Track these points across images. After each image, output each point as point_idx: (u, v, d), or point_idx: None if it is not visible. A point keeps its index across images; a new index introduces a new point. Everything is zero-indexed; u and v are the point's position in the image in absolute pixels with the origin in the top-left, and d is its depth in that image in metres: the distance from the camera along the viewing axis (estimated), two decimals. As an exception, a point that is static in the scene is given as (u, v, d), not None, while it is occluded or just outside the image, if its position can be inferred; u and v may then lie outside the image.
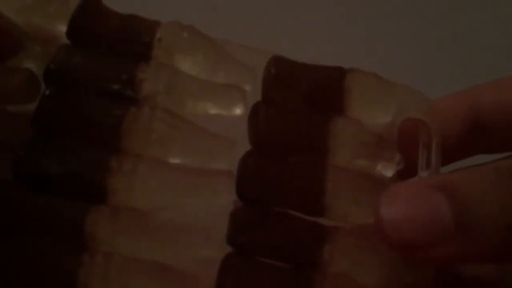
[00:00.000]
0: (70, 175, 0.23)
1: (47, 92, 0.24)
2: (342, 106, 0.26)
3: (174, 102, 0.25)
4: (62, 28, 0.25)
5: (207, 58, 0.26)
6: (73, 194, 0.23)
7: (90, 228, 0.22)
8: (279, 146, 0.25)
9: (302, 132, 0.25)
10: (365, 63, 0.26)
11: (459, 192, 0.20)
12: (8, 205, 0.22)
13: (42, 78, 0.24)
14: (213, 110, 0.25)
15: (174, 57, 0.25)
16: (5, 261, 0.21)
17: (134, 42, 0.25)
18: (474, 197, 0.20)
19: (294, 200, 0.24)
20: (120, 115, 0.24)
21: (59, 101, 0.24)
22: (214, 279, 0.23)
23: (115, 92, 0.24)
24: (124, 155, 0.23)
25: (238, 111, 0.25)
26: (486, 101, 0.26)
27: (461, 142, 0.26)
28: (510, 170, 0.20)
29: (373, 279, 0.23)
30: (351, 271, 0.23)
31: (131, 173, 0.23)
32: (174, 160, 0.24)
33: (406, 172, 0.25)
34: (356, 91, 0.26)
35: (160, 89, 0.24)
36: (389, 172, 0.25)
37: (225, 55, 0.26)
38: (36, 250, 0.22)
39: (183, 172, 0.24)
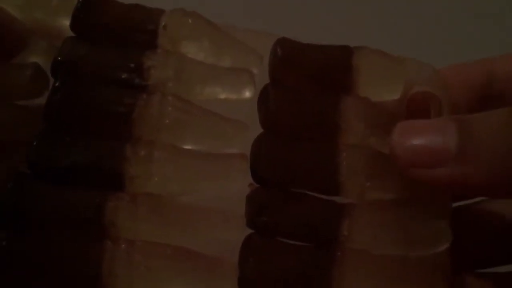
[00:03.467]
0: (86, 164, 0.23)
1: (56, 84, 0.23)
2: (350, 85, 0.26)
3: (183, 88, 0.25)
4: (66, 22, 0.25)
5: (212, 43, 0.26)
6: (90, 183, 0.23)
7: (111, 215, 0.22)
8: (291, 127, 0.25)
9: (313, 112, 0.25)
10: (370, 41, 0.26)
11: (469, 124, 0.22)
12: (27, 198, 0.22)
13: (50, 71, 0.24)
14: (223, 94, 0.25)
15: (180, 44, 0.25)
16: (30, 255, 0.21)
17: (139, 31, 0.25)
18: (481, 129, 0.22)
19: (309, 180, 0.24)
20: (131, 103, 0.23)
21: (69, 93, 0.24)
22: (236, 260, 0.23)
23: (124, 81, 0.24)
24: (138, 142, 0.23)
25: (247, 94, 0.25)
26: (500, 70, 0.26)
27: (472, 110, 0.26)
28: None
29: (391, 253, 0.24)
30: (370, 246, 0.23)
31: (147, 160, 0.23)
32: (187, 145, 0.24)
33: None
34: (364, 69, 0.26)
35: (169, 75, 0.24)
36: None
37: (230, 39, 0.26)
38: (59, 241, 0.22)
39: (198, 157, 0.24)
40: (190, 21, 0.25)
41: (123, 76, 0.24)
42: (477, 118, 0.23)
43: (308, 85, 0.26)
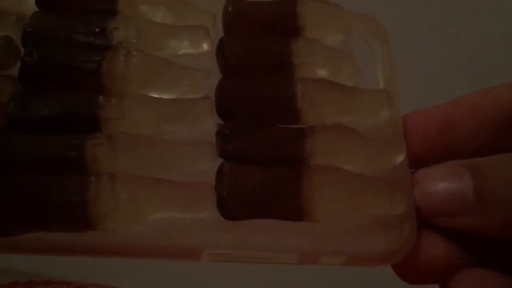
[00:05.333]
0: (62, 113, 0.24)
1: (28, 50, 0.25)
2: (298, 29, 0.28)
3: (145, 45, 0.27)
4: (31, 4, 0.28)
5: (168, 7, 0.28)
6: (67, 131, 0.24)
7: (90, 152, 0.24)
8: (248, 67, 0.27)
9: (267, 53, 0.27)
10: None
11: (482, 172, 0.24)
12: (6, 145, 0.23)
13: (20, 43, 0.26)
14: (182, 50, 0.27)
15: (138, 8, 0.28)
16: (14, 190, 0.23)
17: (100, 0, 0.27)
18: (494, 177, 0.24)
19: (270, 110, 0.26)
20: (99, 59, 0.25)
21: (41, 55, 0.25)
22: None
23: (90, 43, 0.26)
24: (109, 93, 0.25)
25: (205, 47, 0.28)
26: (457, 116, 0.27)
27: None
28: None
29: (356, 166, 0.26)
30: (335, 161, 0.25)
31: (118, 106, 0.25)
32: (155, 94, 0.26)
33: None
34: (308, 14, 0.28)
35: (131, 35, 0.26)
36: (351, 82, 0.28)
37: (185, 4, 0.28)
38: (44, 178, 0.23)
39: (166, 102, 0.26)
40: (146, -13, 0.28)
41: (89, 40, 0.26)
42: (488, 164, 0.24)
43: (260, 33, 0.28)
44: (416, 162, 0.27)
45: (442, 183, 0.24)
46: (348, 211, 0.25)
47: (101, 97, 0.25)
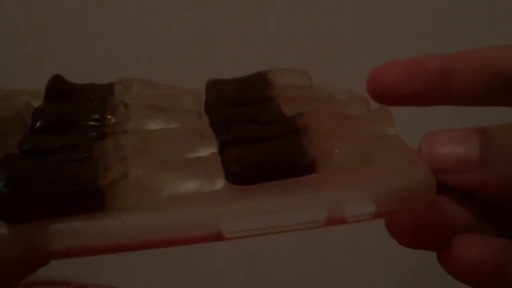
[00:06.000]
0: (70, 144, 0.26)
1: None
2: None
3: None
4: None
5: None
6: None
7: (99, 153, 0.25)
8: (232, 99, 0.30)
9: (248, 93, 0.31)
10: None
11: (490, 134, 0.25)
12: (20, 164, 0.24)
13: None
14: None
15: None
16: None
17: (98, 92, 0.30)
18: (501, 139, 0.25)
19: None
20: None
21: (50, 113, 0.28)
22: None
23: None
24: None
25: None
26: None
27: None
28: None
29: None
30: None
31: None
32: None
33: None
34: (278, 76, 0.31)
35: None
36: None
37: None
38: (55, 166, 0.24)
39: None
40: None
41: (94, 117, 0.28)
42: (498, 129, 0.25)
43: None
44: (413, 103, 0.28)
45: (449, 146, 0.25)
46: (357, 152, 0.25)
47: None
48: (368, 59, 0.34)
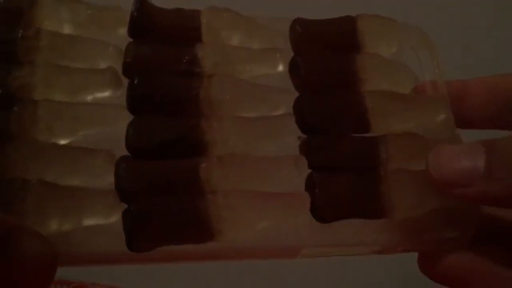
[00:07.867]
0: (173, 140, 0.28)
1: (134, 82, 0.29)
2: (359, 45, 0.32)
3: (230, 69, 0.30)
4: (121, 32, 0.30)
5: (245, 30, 0.31)
6: (180, 156, 0.27)
7: (205, 174, 0.27)
8: (320, 85, 0.31)
9: (336, 71, 0.31)
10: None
11: (495, 148, 0.26)
12: (131, 173, 0.27)
13: (121, 71, 0.29)
14: (261, 71, 0.31)
15: (219, 34, 0.30)
16: (144, 216, 0.26)
17: (186, 29, 0.31)
18: (506, 151, 0.26)
19: (345, 122, 0.30)
20: (196, 87, 0.29)
21: (145, 87, 0.29)
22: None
23: (184, 71, 0.29)
24: (209, 117, 0.29)
25: (280, 68, 0.31)
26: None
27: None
28: None
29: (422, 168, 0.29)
30: (407, 164, 0.29)
31: (219, 129, 0.28)
32: (245, 113, 0.29)
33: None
34: (367, 30, 0.32)
35: (217, 61, 0.30)
36: (408, 90, 0.32)
37: (257, 25, 0.32)
38: (167, 203, 0.26)
39: (255, 120, 0.29)
40: (224, 15, 0.31)
41: (183, 68, 0.29)
42: (503, 142, 0.26)
43: (326, 52, 0.32)
44: None
45: (456, 162, 0.26)
46: (418, 207, 0.29)
47: (203, 122, 0.28)
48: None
